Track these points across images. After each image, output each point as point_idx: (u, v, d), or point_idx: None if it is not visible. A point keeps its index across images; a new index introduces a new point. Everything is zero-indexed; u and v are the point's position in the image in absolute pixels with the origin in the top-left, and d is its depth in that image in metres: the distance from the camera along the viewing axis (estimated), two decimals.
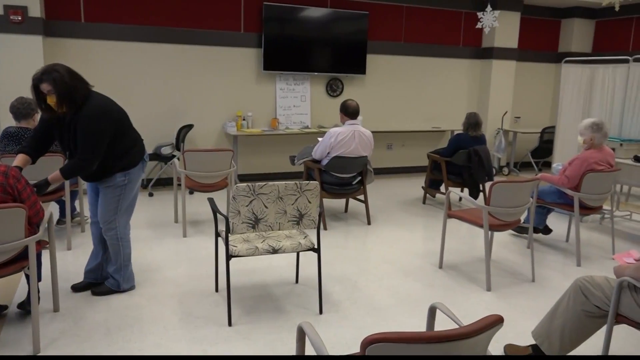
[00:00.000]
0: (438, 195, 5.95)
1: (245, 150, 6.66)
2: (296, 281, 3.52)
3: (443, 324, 1.96)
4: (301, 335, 1.77)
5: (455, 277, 3.69)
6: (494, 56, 7.62)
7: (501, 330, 2.79)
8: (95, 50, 5.75)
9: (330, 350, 2.61)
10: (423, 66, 7.49)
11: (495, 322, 1.43)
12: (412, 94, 7.52)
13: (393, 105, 7.43)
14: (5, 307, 2.96)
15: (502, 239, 4.60)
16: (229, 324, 2.88)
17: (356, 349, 2.45)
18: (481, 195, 5.40)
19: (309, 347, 1.78)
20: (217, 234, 3.12)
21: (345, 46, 6.79)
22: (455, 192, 4.01)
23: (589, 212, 4.17)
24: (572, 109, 5.97)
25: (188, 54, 6.15)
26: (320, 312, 3.06)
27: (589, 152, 4.01)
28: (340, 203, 5.58)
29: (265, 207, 2.77)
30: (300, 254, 3.59)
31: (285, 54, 6.48)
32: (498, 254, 4.20)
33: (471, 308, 3.20)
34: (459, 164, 5.31)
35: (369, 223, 4.98)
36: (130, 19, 5.83)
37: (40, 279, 2.84)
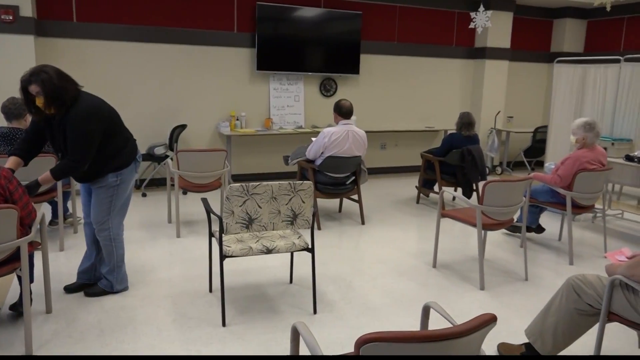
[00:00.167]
0: (431, 194, 5.97)
1: (239, 150, 6.65)
2: (290, 281, 3.52)
3: (437, 323, 1.96)
4: (295, 335, 1.77)
5: (448, 277, 3.70)
6: (486, 56, 7.65)
7: (494, 329, 2.80)
8: (87, 50, 5.72)
9: (324, 350, 2.61)
10: (416, 66, 7.51)
11: (489, 321, 1.43)
12: (406, 93, 7.54)
13: (387, 105, 7.44)
14: None
15: (496, 238, 4.62)
16: (223, 324, 2.87)
17: (350, 348, 2.45)
18: (474, 194, 5.42)
19: (303, 347, 1.78)
20: (211, 234, 3.11)
21: (339, 46, 6.80)
22: (448, 192, 4.02)
23: (581, 211, 4.19)
24: (565, 109, 6.00)
25: (181, 53, 6.13)
26: (315, 312, 3.06)
27: (581, 152, 4.04)
28: (334, 203, 5.59)
29: (259, 207, 2.77)
30: (294, 254, 3.59)
31: (279, 54, 6.48)
32: (491, 253, 4.22)
33: (465, 307, 3.21)
34: (453, 164, 5.32)
35: (363, 223, 4.98)
36: (122, 19, 5.80)
37: (32, 280, 2.82)
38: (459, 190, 5.50)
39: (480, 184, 3.89)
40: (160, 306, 3.08)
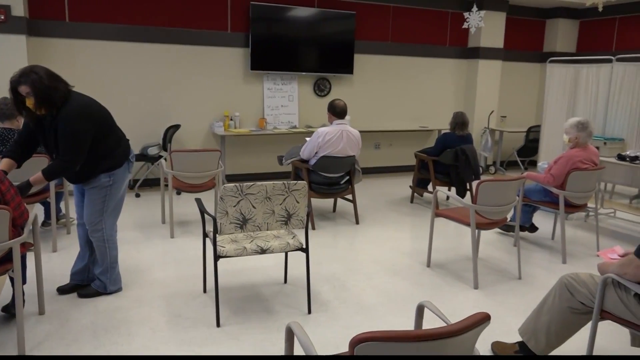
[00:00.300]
0: (426, 194, 5.99)
1: (233, 150, 6.63)
2: (285, 281, 3.51)
3: (431, 322, 1.97)
4: (290, 335, 1.77)
5: (443, 276, 3.71)
6: (480, 56, 7.68)
7: (488, 328, 2.82)
8: (80, 50, 5.68)
9: (319, 349, 2.61)
10: (410, 66, 7.52)
11: (483, 320, 1.44)
12: (400, 93, 7.55)
13: (381, 105, 7.45)
14: None
15: (489, 237, 4.64)
16: (217, 324, 2.86)
17: (345, 348, 2.45)
18: (468, 194, 5.44)
19: (297, 347, 1.78)
20: (205, 235, 3.10)
21: (333, 46, 6.80)
22: (442, 191, 4.03)
23: (574, 210, 4.22)
24: (557, 108, 6.03)
25: (174, 53, 6.11)
26: (309, 312, 3.06)
27: (574, 151, 4.06)
28: (328, 203, 5.59)
29: (253, 208, 2.76)
30: (288, 254, 3.59)
31: (273, 54, 6.47)
32: (485, 252, 4.23)
33: (459, 306, 3.22)
34: (446, 163, 5.34)
35: (357, 222, 4.99)
36: (115, 19, 5.78)
37: (25, 282, 2.81)
38: (453, 189, 5.52)
39: (474, 184, 3.90)
40: (154, 307, 3.07)
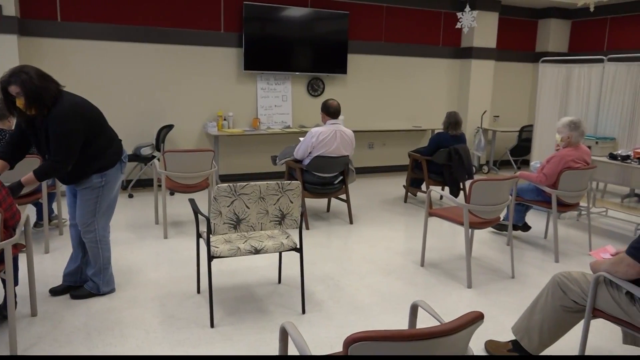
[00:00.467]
0: (419, 193, 6.00)
1: (227, 150, 6.62)
2: (279, 281, 3.51)
3: (425, 321, 1.97)
4: (284, 335, 1.76)
5: (436, 275, 3.72)
6: (473, 56, 7.70)
7: (482, 327, 2.83)
8: (72, 50, 5.65)
9: (313, 349, 2.61)
10: (403, 66, 7.54)
11: (476, 319, 1.44)
12: (393, 93, 7.56)
13: (374, 105, 7.46)
14: None
15: (483, 236, 4.66)
16: (211, 325, 2.86)
17: (339, 348, 2.46)
18: (461, 193, 5.45)
19: (291, 347, 1.78)
20: (199, 235, 3.09)
21: (326, 46, 6.80)
22: (436, 191, 4.04)
23: (566, 209, 4.24)
24: (550, 108, 6.07)
25: (167, 53, 6.09)
26: (303, 312, 3.06)
27: (566, 150, 4.08)
28: (322, 203, 5.59)
29: (247, 208, 2.76)
30: (282, 254, 3.59)
31: (266, 54, 6.46)
32: (478, 252, 4.25)
33: (452, 305, 3.23)
34: (440, 163, 5.35)
35: (351, 222, 4.99)
36: (107, 18, 5.75)
37: (17, 283, 2.78)
38: (447, 189, 5.54)
39: (467, 183, 3.92)
40: (148, 308, 3.06)
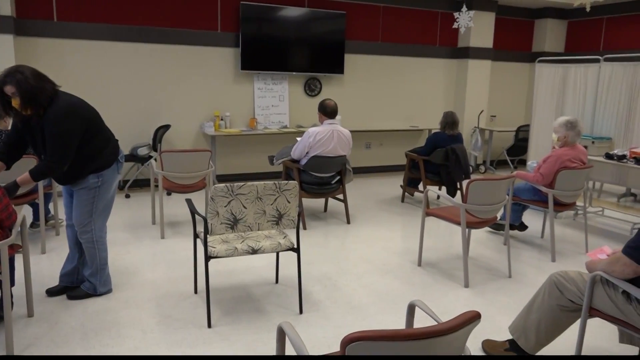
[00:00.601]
0: (416, 193, 6.01)
1: (224, 150, 6.61)
2: (276, 281, 3.51)
3: (422, 321, 1.98)
4: (281, 335, 1.76)
5: (433, 275, 3.72)
6: (469, 56, 7.72)
7: (479, 326, 2.83)
8: (68, 50, 5.64)
9: (310, 349, 2.61)
10: (400, 66, 7.54)
11: (473, 318, 1.45)
12: (390, 93, 7.57)
13: (371, 105, 7.47)
14: None
15: (479, 236, 4.66)
16: (209, 325, 2.85)
17: (336, 347, 2.46)
18: (458, 193, 5.46)
19: (289, 347, 1.78)
20: (196, 235, 3.09)
21: (323, 46, 6.80)
22: (433, 191, 4.05)
23: (563, 209, 4.25)
24: (546, 108, 6.08)
25: (164, 53, 6.08)
26: (301, 312, 3.06)
27: (563, 150, 4.09)
28: (319, 202, 5.59)
29: (244, 208, 2.76)
30: (279, 254, 3.59)
31: (263, 54, 6.46)
32: (475, 251, 4.26)
33: (450, 305, 3.24)
34: (437, 163, 5.36)
35: (349, 222, 4.99)
36: (104, 18, 5.73)
37: (13, 284, 2.78)
38: (444, 189, 5.55)
39: (464, 183, 3.92)
40: (145, 308, 3.05)
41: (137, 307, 3.06)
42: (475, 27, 7.44)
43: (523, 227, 4.63)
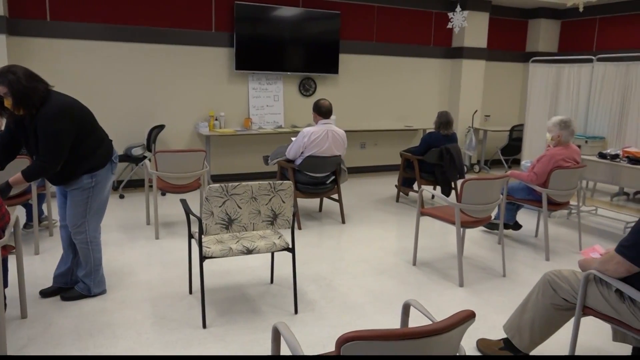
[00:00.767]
0: (411, 193, 6.02)
1: (218, 150, 6.60)
2: (271, 281, 3.51)
3: (417, 320, 1.98)
4: (276, 335, 1.76)
5: (428, 274, 3.73)
6: (463, 56, 7.74)
7: (474, 325, 2.84)
8: (62, 50, 5.61)
9: (306, 349, 2.61)
10: (395, 65, 7.56)
11: (468, 317, 1.45)
12: (385, 93, 7.58)
13: (366, 105, 7.47)
14: None
15: (474, 235, 4.68)
16: (204, 326, 2.85)
17: (332, 347, 2.46)
18: (453, 192, 5.48)
19: (284, 347, 1.78)
20: (190, 236, 3.08)
21: (318, 46, 6.80)
22: (427, 190, 4.06)
23: (556, 208, 4.27)
24: (540, 108, 6.11)
25: (158, 53, 6.06)
26: (296, 312, 3.06)
27: (556, 150, 4.11)
28: (314, 202, 5.59)
29: (239, 208, 2.75)
30: (274, 254, 3.58)
31: (258, 54, 6.45)
32: (470, 250, 4.27)
33: (444, 304, 3.25)
34: (431, 162, 5.37)
35: (343, 222, 5.00)
36: (97, 18, 5.71)
37: (6, 285, 2.76)
38: (438, 188, 5.56)
39: (459, 182, 3.94)
40: (139, 309, 3.04)
41: (132, 308, 3.05)
42: (469, 27, 7.46)
43: (517, 227, 4.65)
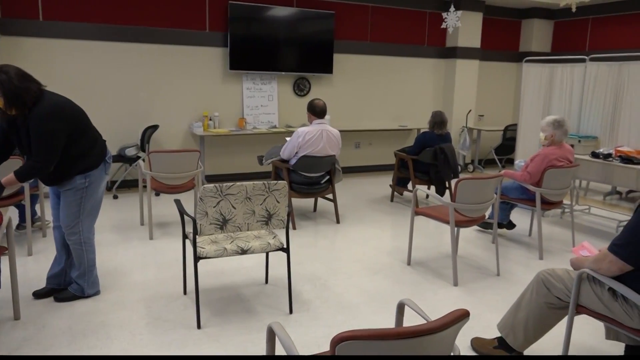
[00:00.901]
0: (405, 192, 6.03)
1: (213, 150, 6.59)
2: (266, 281, 3.50)
3: (412, 319, 1.99)
4: (271, 335, 1.76)
5: (423, 274, 3.74)
6: (457, 55, 7.76)
7: (468, 324, 2.85)
8: (54, 50, 5.58)
9: (301, 349, 2.61)
10: (389, 65, 7.57)
11: (462, 316, 1.45)
12: (379, 93, 7.59)
13: (360, 104, 7.48)
14: None
15: (468, 234, 4.69)
16: (198, 326, 2.84)
17: (326, 347, 2.46)
18: (447, 192, 5.49)
19: (279, 348, 1.78)
20: (185, 236, 3.07)
21: (312, 45, 6.80)
22: (422, 190, 4.06)
23: (550, 207, 4.29)
24: (533, 107, 6.13)
25: (152, 53, 6.04)
26: (291, 312, 3.06)
27: (550, 149, 4.13)
28: (309, 202, 5.59)
29: (233, 208, 2.75)
30: (269, 254, 3.58)
31: (252, 54, 6.44)
32: (464, 250, 4.28)
33: (439, 303, 3.25)
34: (426, 162, 5.39)
35: (338, 222, 5.00)
36: (90, 17, 5.68)
37: None
38: (432, 188, 5.57)
39: (453, 182, 3.95)
40: (134, 310, 3.03)
41: (126, 309, 3.04)
42: (463, 27, 7.48)
43: (511, 226, 4.67)
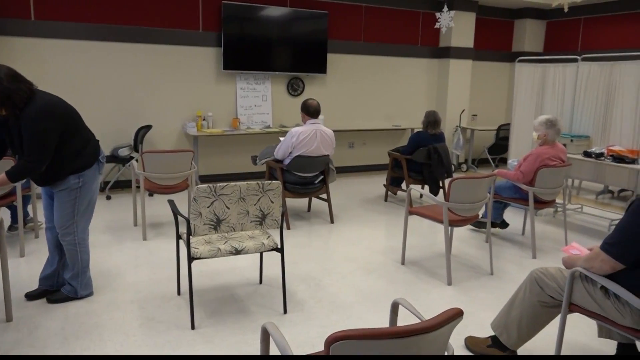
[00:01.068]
0: (399, 192, 6.04)
1: (206, 150, 6.57)
2: (260, 281, 3.50)
3: (406, 319, 1.99)
4: (265, 335, 1.76)
5: (417, 273, 3.75)
6: (451, 55, 7.79)
7: (462, 323, 2.86)
8: (46, 50, 5.54)
9: (295, 349, 2.61)
10: (383, 65, 7.58)
11: (456, 316, 1.46)
12: (373, 92, 7.60)
13: (354, 104, 7.49)
14: None
15: (462, 234, 4.71)
16: (192, 327, 2.83)
17: (321, 347, 2.46)
18: (441, 191, 5.51)
19: (273, 348, 1.78)
20: (178, 236, 3.07)
21: (306, 45, 6.80)
22: (416, 189, 4.07)
23: (543, 206, 4.32)
24: (526, 107, 6.16)
25: (145, 53, 6.01)
26: (285, 312, 3.05)
27: (542, 148, 4.15)
28: (303, 202, 5.59)
29: (227, 208, 2.74)
30: (263, 254, 3.58)
31: (245, 54, 6.43)
32: (458, 249, 4.30)
33: (433, 302, 3.26)
34: (419, 162, 5.40)
35: (332, 221, 5.00)
36: (83, 17, 5.65)
37: None
38: (426, 187, 5.58)
39: (447, 181, 3.96)
40: (127, 311, 3.02)
41: (119, 310, 3.02)
42: (456, 27, 7.51)
43: (504, 225, 4.69)
